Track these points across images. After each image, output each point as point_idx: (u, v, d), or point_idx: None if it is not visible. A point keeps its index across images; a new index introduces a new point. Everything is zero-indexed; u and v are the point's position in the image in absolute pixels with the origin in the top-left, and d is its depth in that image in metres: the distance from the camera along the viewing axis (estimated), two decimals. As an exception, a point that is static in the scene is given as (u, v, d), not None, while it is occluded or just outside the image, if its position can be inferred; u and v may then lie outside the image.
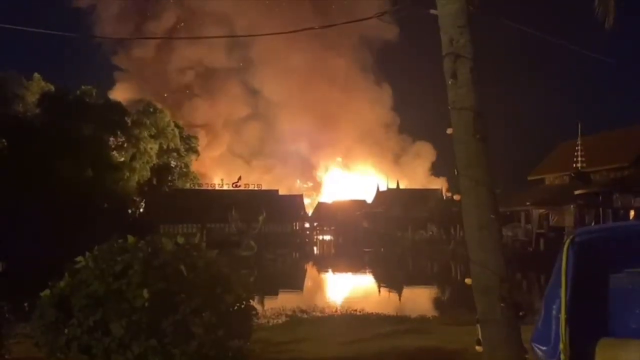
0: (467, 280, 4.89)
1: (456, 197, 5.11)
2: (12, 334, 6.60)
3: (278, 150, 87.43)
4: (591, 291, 3.57)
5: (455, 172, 5.01)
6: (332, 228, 68.73)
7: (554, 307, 3.47)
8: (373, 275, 34.17)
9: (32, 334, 5.12)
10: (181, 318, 4.61)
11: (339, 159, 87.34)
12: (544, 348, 3.50)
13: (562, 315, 3.38)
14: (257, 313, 5.33)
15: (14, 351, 6.54)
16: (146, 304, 4.58)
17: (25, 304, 5.91)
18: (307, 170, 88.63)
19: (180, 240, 5.20)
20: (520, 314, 4.85)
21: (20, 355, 6.68)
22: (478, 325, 4.85)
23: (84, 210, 47.82)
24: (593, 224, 31.12)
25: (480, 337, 4.80)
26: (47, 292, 4.97)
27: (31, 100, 56.64)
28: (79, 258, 5.09)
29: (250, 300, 5.17)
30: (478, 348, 4.82)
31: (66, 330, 4.72)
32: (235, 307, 5.02)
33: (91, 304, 4.68)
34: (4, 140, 51.76)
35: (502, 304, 4.67)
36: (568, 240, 3.47)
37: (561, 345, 3.37)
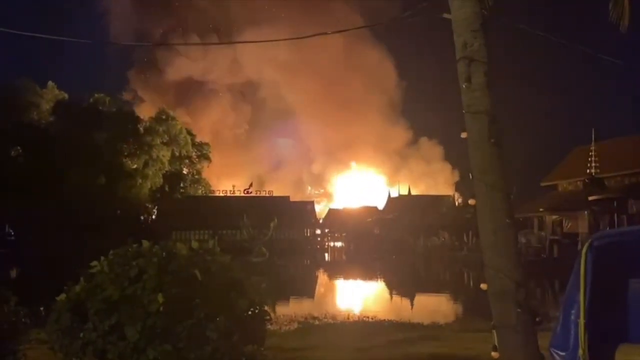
0: (483, 285, 4.85)
1: (471, 201, 5.08)
2: (27, 339, 6.62)
3: (287, 155, 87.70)
4: (610, 296, 3.52)
5: (470, 177, 4.98)
6: (343, 235, 68.65)
7: (573, 312, 3.43)
8: (385, 282, 34.03)
9: (47, 338, 5.14)
10: (195, 323, 4.61)
11: (352, 164, 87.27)
12: (563, 354, 3.45)
13: (581, 320, 3.33)
14: (270, 318, 5.32)
15: (30, 356, 6.57)
16: (161, 309, 4.58)
17: (42, 308, 5.95)
18: (319, 176, 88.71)
19: (195, 245, 5.21)
20: (537, 319, 4.80)
21: (35, 360, 6.72)
22: (494, 331, 4.80)
23: (97, 216, 48.23)
24: (608, 229, 30.75)
25: (496, 343, 4.76)
26: (62, 296, 4.99)
27: (46, 108, 57.38)
28: (94, 263, 5.11)
29: (265, 306, 5.16)
30: (494, 354, 4.77)
31: (81, 335, 4.73)
32: (249, 312, 5.02)
33: (106, 309, 4.69)
34: (19, 147, 52.46)
35: (518, 309, 4.62)
36: (587, 244, 3.43)
37: (580, 351, 3.32)
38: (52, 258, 34.15)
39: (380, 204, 71.15)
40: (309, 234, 63.98)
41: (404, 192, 68.14)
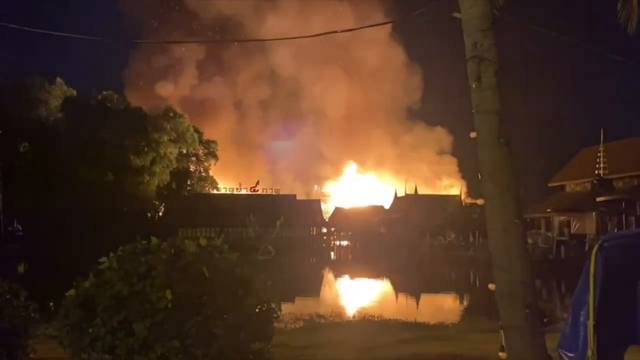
0: (491, 286, 4.84)
1: (479, 201, 5.07)
2: (36, 333, 6.69)
3: (293, 153, 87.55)
4: (620, 297, 3.51)
5: (479, 176, 4.97)
6: (350, 234, 68.59)
7: (582, 313, 3.42)
8: (391, 281, 33.99)
9: (56, 333, 5.17)
10: (203, 319, 4.63)
11: (359, 163, 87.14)
12: (572, 355, 3.45)
13: (590, 322, 3.33)
14: (278, 316, 5.33)
15: (39, 351, 6.63)
16: (169, 305, 4.60)
17: (51, 304, 6.00)
18: (326, 175, 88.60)
19: (203, 242, 5.23)
20: (545, 320, 4.79)
21: (44, 355, 6.77)
22: (501, 331, 4.79)
23: (105, 213, 48.47)
24: (616, 231, 30.58)
25: (503, 343, 4.75)
26: (72, 292, 5.02)
27: (54, 104, 57.68)
28: (103, 259, 5.13)
29: (272, 303, 5.17)
30: (501, 354, 4.76)
31: (90, 330, 4.76)
32: (257, 310, 5.03)
33: (115, 305, 4.71)
34: (27, 143, 52.77)
35: (526, 310, 4.61)
36: (597, 245, 3.42)
37: (589, 352, 3.32)
38: (60, 254, 34.38)
39: (387, 204, 71.07)
40: (315, 233, 64.01)
41: (411, 191, 68.01)
